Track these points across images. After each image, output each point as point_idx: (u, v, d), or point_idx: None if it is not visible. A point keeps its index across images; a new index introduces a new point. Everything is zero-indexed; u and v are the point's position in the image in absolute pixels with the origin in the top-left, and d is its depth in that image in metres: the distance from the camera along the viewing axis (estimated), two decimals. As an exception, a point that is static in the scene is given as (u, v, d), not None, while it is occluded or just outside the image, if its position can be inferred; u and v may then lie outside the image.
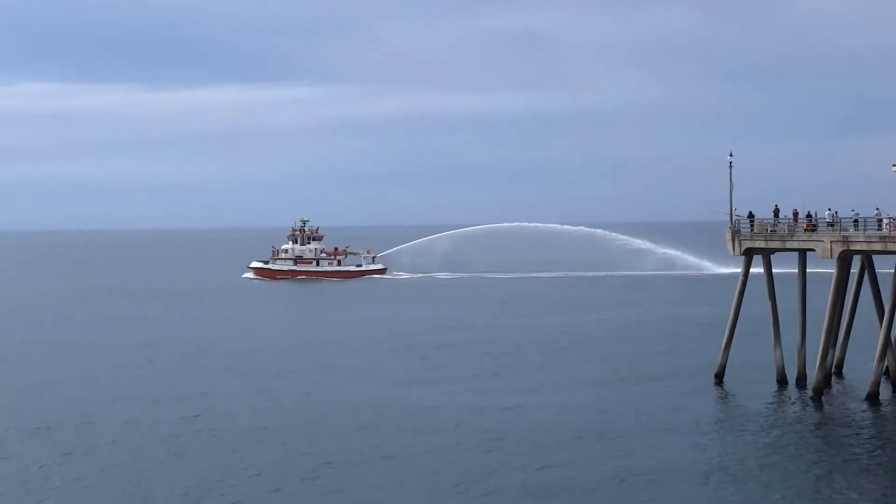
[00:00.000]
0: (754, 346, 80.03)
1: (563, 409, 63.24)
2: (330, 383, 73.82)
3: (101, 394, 70.38)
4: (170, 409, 64.21)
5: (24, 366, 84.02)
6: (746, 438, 54.97)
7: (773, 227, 70.24)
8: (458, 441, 54.90)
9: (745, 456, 50.96)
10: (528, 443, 54.05)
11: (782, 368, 70.03)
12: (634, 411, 62.13)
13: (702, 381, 71.16)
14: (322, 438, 55.86)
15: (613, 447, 52.84)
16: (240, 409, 64.11)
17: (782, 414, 61.98)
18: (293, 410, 64.05)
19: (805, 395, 65.67)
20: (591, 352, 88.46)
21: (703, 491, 45.10)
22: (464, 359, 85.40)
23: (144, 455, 52.38)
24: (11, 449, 54.13)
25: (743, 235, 71.01)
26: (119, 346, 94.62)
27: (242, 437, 56.60)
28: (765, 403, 64.48)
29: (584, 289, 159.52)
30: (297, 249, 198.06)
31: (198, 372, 79.86)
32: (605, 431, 56.54)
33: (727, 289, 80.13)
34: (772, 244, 69.76)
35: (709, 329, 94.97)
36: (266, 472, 48.86)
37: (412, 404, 65.04)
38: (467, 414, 61.89)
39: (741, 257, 71.46)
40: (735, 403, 66.39)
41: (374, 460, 50.88)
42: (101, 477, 48.43)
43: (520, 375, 76.42)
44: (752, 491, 44.89)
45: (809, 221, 68.81)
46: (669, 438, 54.81)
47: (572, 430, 56.84)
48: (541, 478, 47.26)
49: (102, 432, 57.70)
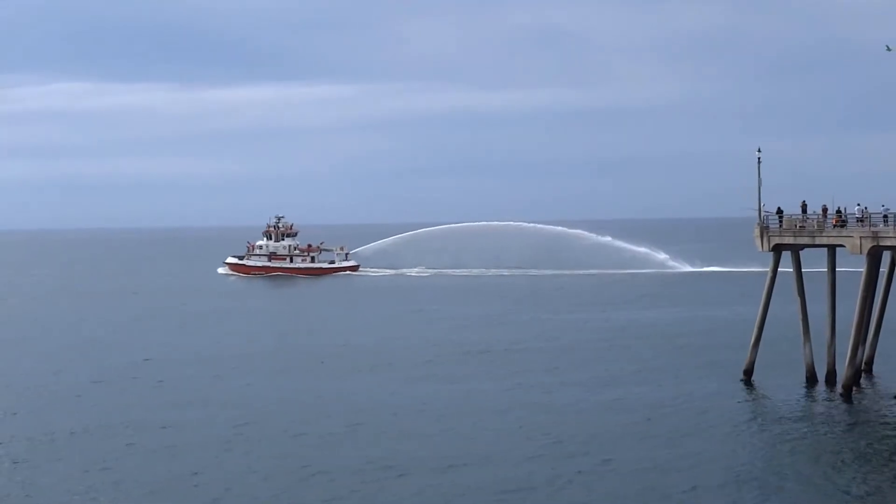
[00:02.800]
0: (782, 343, 79.40)
1: (588, 406, 63.15)
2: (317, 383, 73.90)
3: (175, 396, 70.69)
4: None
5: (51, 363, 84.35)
6: (776, 435, 54.64)
7: (802, 222, 69.75)
8: (489, 442, 54.83)
9: (775, 453, 50.78)
10: (568, 438, 54.03)
11: (812, 365, 69.54)
12: (664, 408, 61.92)
13: (730, 379, 70.76)
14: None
15: (643, 445, 52.67)
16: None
17: (812, 411, 61.64)
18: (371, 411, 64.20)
19: (835, 393, 65.25)
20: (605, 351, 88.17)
21: (734, 488, 44.86)
22: (484, 358, 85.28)
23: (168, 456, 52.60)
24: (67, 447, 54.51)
25: (772, 231, 70.52)
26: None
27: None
28: (794, 400, 64.13)
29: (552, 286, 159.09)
30: (271, 246, 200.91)
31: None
32: (634, 430, 56.36)
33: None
34: (801, 240, 69.26)
35: (722, 326, 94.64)
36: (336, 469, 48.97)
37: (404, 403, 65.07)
38: (495, 412, 61.88)
39: (769, 253, 70.95)
40: (764, 400, 65.89)
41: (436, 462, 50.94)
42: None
43: (551, 371, 76.23)
44: (784, 488, 44.69)
45: (839, 217, 68.25)
46: (700, 435, 54.65)
47: (596, 428, 56.77)
48: (574, 471, 47.30)
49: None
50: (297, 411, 62.97)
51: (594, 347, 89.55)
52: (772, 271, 70.69)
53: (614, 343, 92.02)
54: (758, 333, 71.09)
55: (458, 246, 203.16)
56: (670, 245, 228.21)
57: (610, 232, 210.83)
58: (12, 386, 73.71)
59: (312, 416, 61.35)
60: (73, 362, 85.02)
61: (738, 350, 76.85)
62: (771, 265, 70.85)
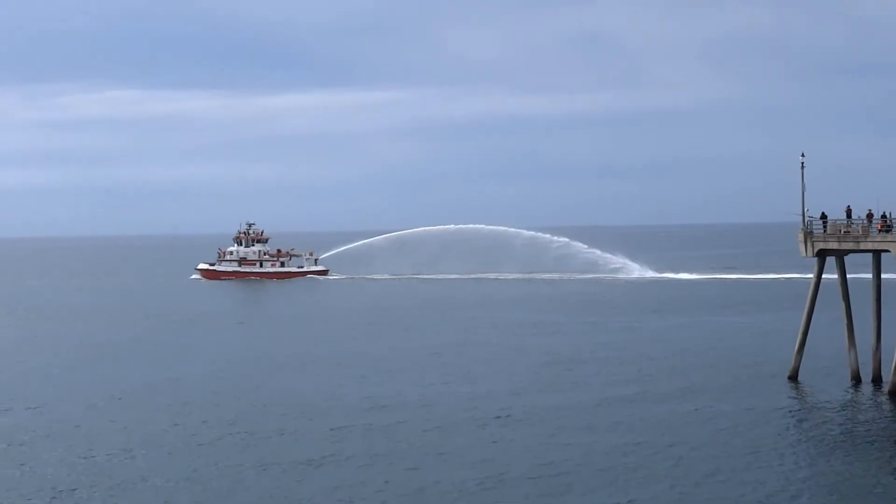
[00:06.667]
0: (826, 349, 79.13)
1: (636, 416, 63.21)
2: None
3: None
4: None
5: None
6: (824, 439, 54.67)
7: (847, 227, 69.59)
8: (531, 446, 55.12)
9: (824, 458, 50.79)
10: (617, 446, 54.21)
11: (857, 371, 69.41)
12: (707, 413, 62.00)
13: (775, 384, 70.65)
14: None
15: (681, 450, 52.86)
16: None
17: (858, 415, 61.50)
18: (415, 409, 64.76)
19: (881, 397, 65.05)
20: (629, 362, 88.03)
21: (782, 491, 45.02)
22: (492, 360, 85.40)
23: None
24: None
25: (816, 237, 70.38)
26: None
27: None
28: (840, 405, 63.98)
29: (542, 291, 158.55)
30: (241, 251, 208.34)
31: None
32: (676, 438, 56.46)
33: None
34: (845, 245, 69.10)
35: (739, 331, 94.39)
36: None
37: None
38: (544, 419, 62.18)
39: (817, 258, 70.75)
40: (811, 405, 65.71)
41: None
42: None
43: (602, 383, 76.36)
44: (834, 492, 44.81)
45: (884, 222, 68.07)
46: (747, 437, 54.75)
47: (648, 439, 56.86)
48: (622, 477, 47.59)
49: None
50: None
51: (654, 355, 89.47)
52: (816, 277, 70.51)
53: (665, 351, 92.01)
54: (802, 339, 71.01)
55: (430, 250, 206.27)
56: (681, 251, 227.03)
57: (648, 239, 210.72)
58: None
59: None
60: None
61: (782, 356, 76.68)
62: (815, 271, 70.70)
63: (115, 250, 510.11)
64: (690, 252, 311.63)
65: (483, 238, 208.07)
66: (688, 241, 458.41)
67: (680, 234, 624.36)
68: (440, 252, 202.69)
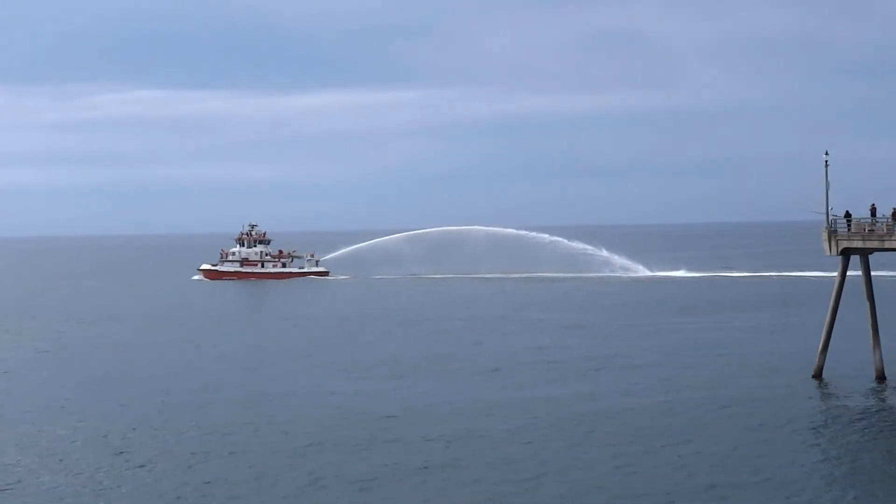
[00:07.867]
0: (850, 347, 79.15)
1: (662, 408, 63.63)
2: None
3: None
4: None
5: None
6: (850, 438, 54.96)
7: (871, 226, 69.65)
8: (552, 436, 55.68)
9: (850, 456, 51.16)
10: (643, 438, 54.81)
11: (882, 369, 69.54)
12: (735, 411, 62.24)
13: (800, 382, 70.79)
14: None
15: (714, 447, 53.16)
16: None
17: (883, 413, 61.62)
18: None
19: (906, 395, 65.28)
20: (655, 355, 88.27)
21: (808, 489, 45.47)
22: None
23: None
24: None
25: (840, 235, 70.48)
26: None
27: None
28: (864, 403, 64.14)
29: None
30: (243, 252, 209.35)
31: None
32: (704, 432, 56.81)
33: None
34: (870, 244, 69.19)
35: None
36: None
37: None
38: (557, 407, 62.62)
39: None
40: (836, 403, 65.84)
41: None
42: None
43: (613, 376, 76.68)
44: (862, 491, 45.26)
45: (908, 221, 68.15)
46: (773, 435, 55.08)
47: (674, 429, 57.35)
48: (650, 472, 48.15)
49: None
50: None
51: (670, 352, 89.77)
52: (840, 275, 70.64)
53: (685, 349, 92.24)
54: (826, 338, 71.12)
55: (430, 252, 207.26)
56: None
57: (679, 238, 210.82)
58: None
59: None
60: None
61: (805, 354, 76.80)
62: (839, 269, 70.81)
63: (133, 250, 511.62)
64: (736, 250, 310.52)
65: (509, 239, 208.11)
66: (732, 239, 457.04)
67: (722, 231, 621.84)
68: (473, 252, 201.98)
